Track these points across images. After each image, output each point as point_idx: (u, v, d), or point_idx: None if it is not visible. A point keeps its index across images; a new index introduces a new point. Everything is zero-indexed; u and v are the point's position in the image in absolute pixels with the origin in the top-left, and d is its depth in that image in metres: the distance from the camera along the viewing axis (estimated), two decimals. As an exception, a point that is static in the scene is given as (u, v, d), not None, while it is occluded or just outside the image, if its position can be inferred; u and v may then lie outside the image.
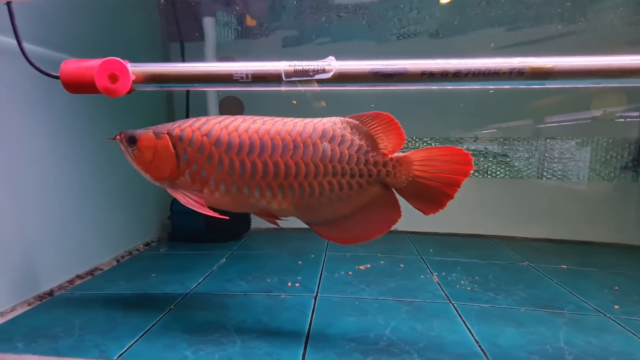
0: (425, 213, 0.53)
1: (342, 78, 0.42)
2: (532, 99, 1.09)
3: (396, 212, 0.53)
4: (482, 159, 1.15)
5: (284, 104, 1.17)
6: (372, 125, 0.53)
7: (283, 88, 0.43)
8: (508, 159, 1.14)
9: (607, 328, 0.57)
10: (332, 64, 0.41)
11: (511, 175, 1.14)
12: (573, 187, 1.11)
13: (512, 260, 0.91)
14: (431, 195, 0.52)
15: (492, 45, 1.04)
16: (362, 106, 1.13)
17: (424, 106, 1.12)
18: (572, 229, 1.10)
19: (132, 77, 0.43)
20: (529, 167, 1.13)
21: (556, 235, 1.11)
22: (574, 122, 1.09)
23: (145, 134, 0.52)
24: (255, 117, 0.52)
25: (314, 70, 0.41)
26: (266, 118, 0.52)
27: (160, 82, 0.44)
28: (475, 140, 1.14)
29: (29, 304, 0.61)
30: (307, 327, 0.56)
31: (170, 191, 0.53)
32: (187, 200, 0.51)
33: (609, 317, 0.61)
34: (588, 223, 1.10)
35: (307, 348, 0.50)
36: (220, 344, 0.51)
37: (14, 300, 0.60)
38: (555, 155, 1.11)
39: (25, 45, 0.48)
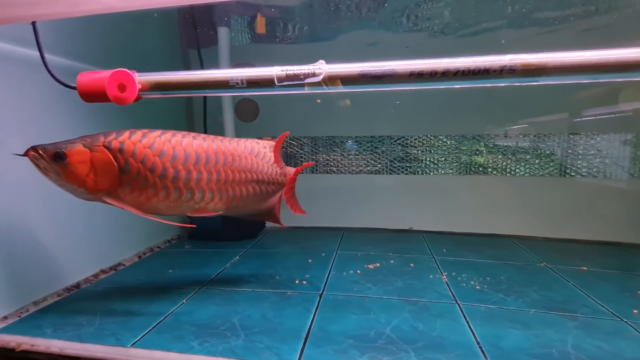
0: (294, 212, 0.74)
1: (332, 81, 0.43)
2: (556, 95, 1.04)
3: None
4: (500, 156, 1.11)
5: (303, 104, 1.19)
6: (277, 144, 0.69)
7: (276, 92, 0.44)
8: (528, 156, 1.10)
9: (622, 333, 0.54)
10: (322, 68, 0.43)
11: (532, 173, 1.10)
12: (599, 185, 1.05)
13: (530, 261, 0.88)
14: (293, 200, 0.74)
15: (503, 41, 1.01)
16: (387, 104, 1.14)
17: (452, 103, 1.10)
18: (598, 228, 1.04)
19: (139, 86, 0.46)
20: (551, 164, 1.08)
21: (580, 235, 1.06)
22: (600, 118, 1.03)
23: (75, 147, 0.52)
24: (193, 134, 0.60)
25: (304, 74, 0.43)
26: (203, 135, 0.61)
27: (164, 90, 0.47)
28: (499, 137, 1.11)
29: (59, 295, 0.67)
30: (309, 324, 0.58)
31: (111, 201, 0.54)
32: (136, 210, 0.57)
33: (626, 321, 0.58)
34: (616, 222, 1.03)
35: (307, 343, 0.52)
36: (225, 337, 0.54)
37: (45, 292, 0.66)
38: (580, 151, 1.06)
39: (51, 57, 0.53)
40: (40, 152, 0.51)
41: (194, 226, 0.65)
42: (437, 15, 1.00)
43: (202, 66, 1.14)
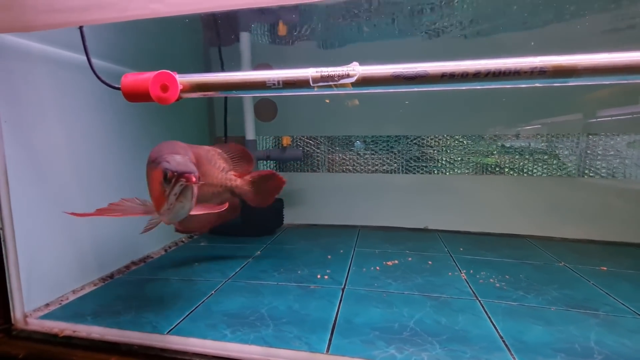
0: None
1: (365, 82, 0.45)
2: (575, 95, 1.04)
3: (237, 209, 0.79)
4: (517, 156, 1.12)
5: (316, 103, 1.21)
6: (230, 154, 0.76)
7: (310, 93, 0.46)
8: (546, 157, 1.10)
9: (645, 331, 0.55)
10: (356, 69, 0.45)
11: (550, 173, 1.10)
12: (619, 186, 1.04)
13: (548, 260, 0.89)
14: (257, 201, 0.79)
15: (532, 43, 1.01)
16: (396, 104, 1.16)
17: (470, 103, 1.11)
18: (617, 229, 1.04)
19: (180, 87, 0.49)
20: (569, 164, 1.08)
21: (599, 236, 1.06)
22: (620, 118, 1.02)
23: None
24: (185, 145, 0.62)
25: (339, 76, 0.45)
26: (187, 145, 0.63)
27: (204, 90, 0.49)
28: (517, 138, 1.11)
29: (95, 285, 0.71)
30: (335, 315, 0.60)
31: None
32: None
33: (648, 320, 0.59)
34: (637, 223, 1.03)
35: (334, 333, 0.54)
36: (255, 326, 0.56)
37: (83, 281, 0.70)
38: (599, 152, 1.05)
39: (92, 60, 0.56)
40: (194, 174, 0.49)
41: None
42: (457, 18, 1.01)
43: (222, 65, 1.17)
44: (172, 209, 0.51)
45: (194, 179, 0.48)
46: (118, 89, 0.52)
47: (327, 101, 1.20)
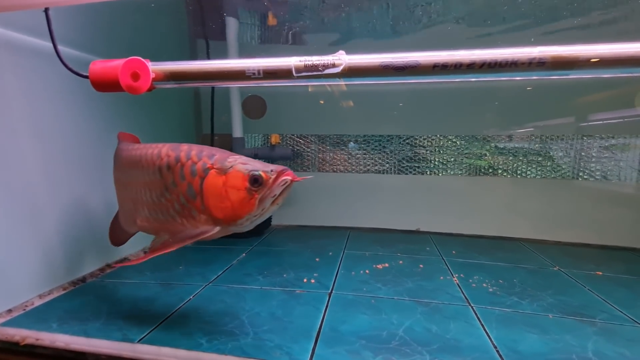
0: None
1: (352, 72, 0.42)
2: (570, 96, 1.03)
3: None
4: (511, 158, 1.10)
5: (310, 102, 1.18)
6: None
7: (292, 83, 0.43)
8: (540, 158, 1.08)
9: (644, 340, 0.53)
10: (342, 58, 0.41)
11: (544, 175, 1.08)
12: (614, 189, 1.03)
13: (542, 264, 0.86)
14: None
15: (532, 39, 0.99)
16: (390, 104, 1.13)
17: (464, 103, 1.08)
18: (612, 233, 1.02)
19: (152, 75, 0.45)
20: (564, 166, 1.06)
21: (594, 240, 1.04)
22: (615, 120, 1.01)
23: None
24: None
25: (323, 65, 0.41)
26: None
27: (179, 79, 0.46)
28: (510, 139, 1.09)
29: (64, 289, 0.66)
30: (319, 323, 0.56)
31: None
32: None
33: (647, 328, 0.56)
34: (632, 227, 1.01)
35: (318, 343, 0.51)
36: (234, 334, 0.52)
37: (51, 285, 0.65)
38: (593, 154, 1.04)
39: (60, 47, 0.52)
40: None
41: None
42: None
43: (208, 57, 1.12)
44: (264, 214, 0.46)
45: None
46: (86, 77, 0.48)
47: (322, 102, 1.17)
